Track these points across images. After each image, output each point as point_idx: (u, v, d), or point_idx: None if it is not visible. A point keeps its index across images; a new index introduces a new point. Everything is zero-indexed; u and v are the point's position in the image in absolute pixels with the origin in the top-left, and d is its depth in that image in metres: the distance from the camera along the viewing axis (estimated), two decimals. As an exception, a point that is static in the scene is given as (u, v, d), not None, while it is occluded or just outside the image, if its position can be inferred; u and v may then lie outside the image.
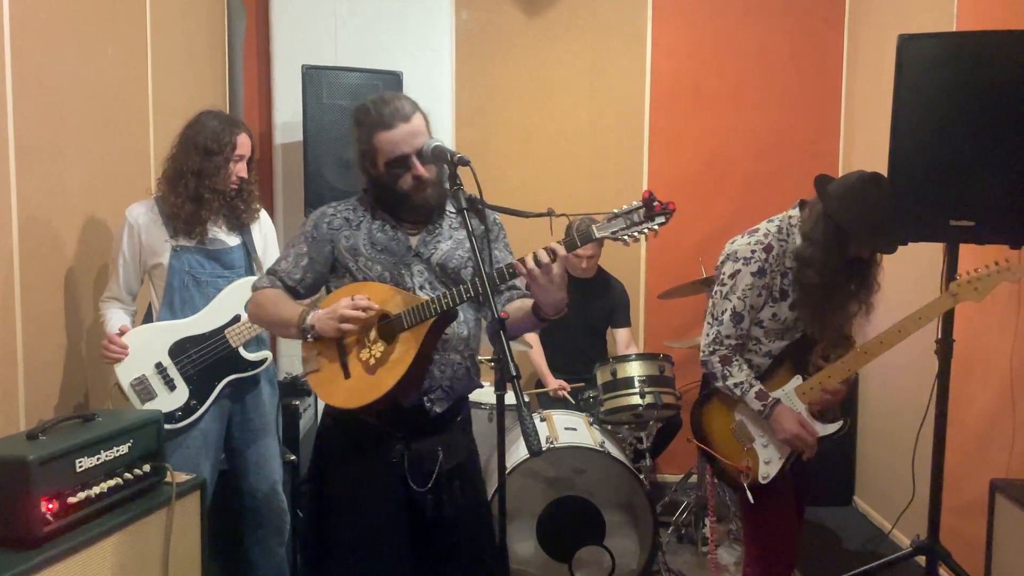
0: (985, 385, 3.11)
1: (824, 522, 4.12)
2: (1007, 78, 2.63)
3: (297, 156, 4.22)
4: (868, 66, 4.38)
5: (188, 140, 2.63)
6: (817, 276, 2.37)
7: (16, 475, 1.77)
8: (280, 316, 2.09)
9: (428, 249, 2.11)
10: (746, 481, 2.51)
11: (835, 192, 2.37)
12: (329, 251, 2.13)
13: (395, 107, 2.04)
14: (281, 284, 2.15)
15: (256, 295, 2.17)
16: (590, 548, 3.22)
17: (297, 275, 2.15)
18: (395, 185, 2.05)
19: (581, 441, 3.27)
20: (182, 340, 2.61)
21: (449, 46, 4.61)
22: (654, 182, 4.69)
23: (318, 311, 2.02)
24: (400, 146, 2.02)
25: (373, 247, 2.10)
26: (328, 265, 2.15)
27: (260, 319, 2.20)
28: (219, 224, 2.69)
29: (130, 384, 2.57)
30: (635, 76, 4.66)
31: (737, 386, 2.49)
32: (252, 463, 2.78)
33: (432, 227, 2.13)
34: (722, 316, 2.49)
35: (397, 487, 2.08)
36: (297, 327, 2.03)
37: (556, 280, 1.85)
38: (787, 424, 2.44)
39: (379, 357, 1.99)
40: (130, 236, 2.63)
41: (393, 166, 2.04)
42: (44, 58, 2.56)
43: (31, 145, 2.47)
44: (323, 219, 2.15)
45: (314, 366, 2.06)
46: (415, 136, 2.03)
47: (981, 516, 2.76)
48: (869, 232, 2.34)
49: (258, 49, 4.61)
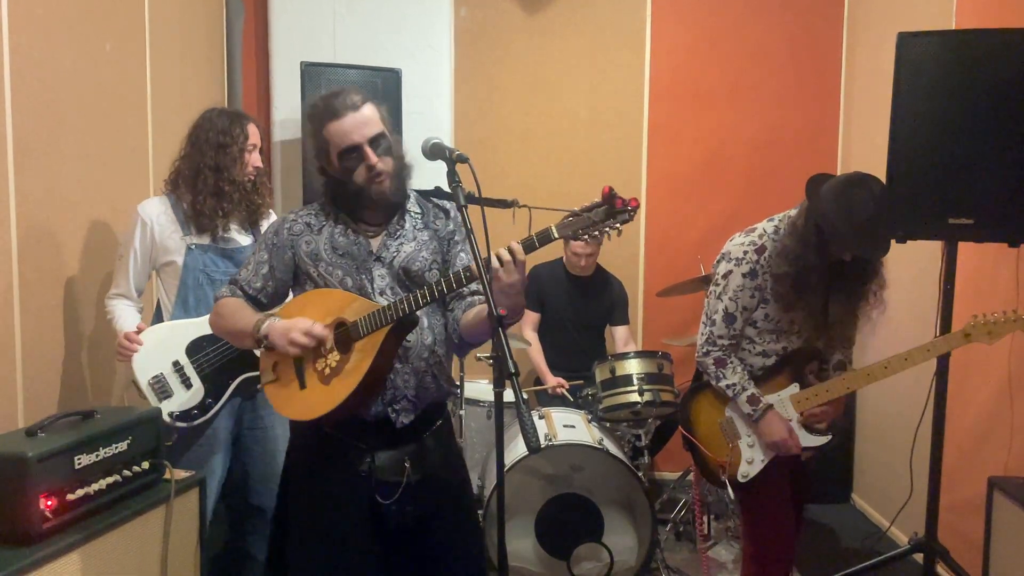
0: (983, 383, 3.12)
1: (822, 520, 4.13)
2: (1006, 76, 2.62)
3: (296, 153, 4.22)
4: (867, 64, 4.38)
5: (199, 138, 2.64)
6: (787, 266, 2.38)
7: (15, 472, 1.77)
8: (236, 326, 2.04)
9: (389, 252, 2.04)
10: (724, 476, 2.54)
11: (823, 192, 2.38)
12: (290, 257, 2.07)
13: (344, 98, 1.99)
14: (242, 293, 2.10)
15: (217, 305, 2.11)
16: (588, 545, 3.22)
17: (258, 283, 2.09)
18: (350, 179, 1.99)
19: (580, 438, 3.27)
20: (199, 339, 2.60)
21: (448, 44, 4.60)
22: (653, 180, 4.70)
23: (275, 321, 1.97)
24: (351, 135, 1.96)
25: (334, 251, 2.03)
26: (290, 272, 2.09)
27: (220, 329, 2.13)
28: (237, 220, 2.70)
29: (148, 382, 2.55)
30: (634, 74, 4.66)
31: (730, 387, 2.50)
32: (260, 460, 2.78)
33: (393, 228, 2.06)
34: (715, 317, 2.51)
35: (364, 499, 2.00)
36: (252, 336, 1.98)
37: (516, 284, 1.80)
38: (775, 429, 2.46)
39: (334, 367, 1.93)
40: (143, 233, 2.62)
41: (345, 158, 1.98)
42: (42, 54, 2.55)
43: (29, 141, 2.46)
44: (283, 225, 2.09)
45: (271, 376, 2.02)
46: (365, 125, 1.97)
47: (979, 514, 2.77)
48: (847, 234, 2.31)
49: (257, 46, 4.61)
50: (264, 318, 2.00)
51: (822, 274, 2.39)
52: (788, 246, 2.40)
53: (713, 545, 3.75)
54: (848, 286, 2.45)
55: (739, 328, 2.51)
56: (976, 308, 3.08)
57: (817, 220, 2.34)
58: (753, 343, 2.53)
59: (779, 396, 2.51)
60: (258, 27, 4.59)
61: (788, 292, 2.40)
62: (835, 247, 2.37)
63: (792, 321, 2.48)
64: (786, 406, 2.50)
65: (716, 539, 3.78)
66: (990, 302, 3.06)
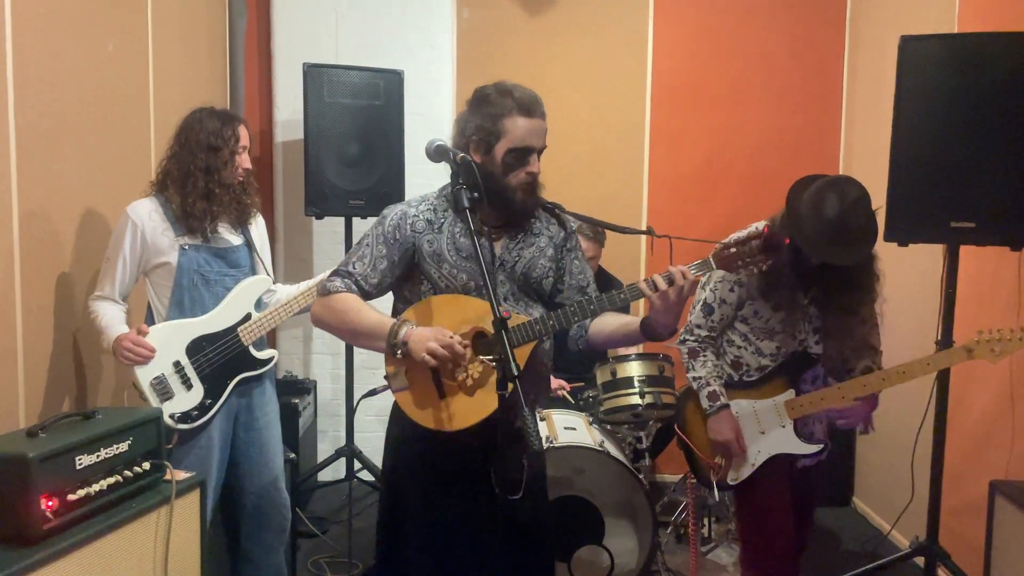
0: (984, 386, 3.12)
1: (823, 523, 4.12)
2: (1008, 79, 2.63)
3: (298, 154, 4.22)
4: (869, 67, 4.38)
5: (189, 139, 2.62)
6: None
7: (16, 472, 1.77)
8: (364, 325, 1.95)
9: (512, 256, 2.03)
10: (715, 478, 2.54)
11: (804, 195, 2.37)
12: (411, 255, 2.01)
13: (538, 101, 1.97)
14: (357, 288, 2.02)
15: (330, 299, 2.01)
16: (589, 548, 3.22)
17: (375, 279, 2.02)
18: (505, 178, 1.95)
19: (580, 441, 3.27)
20: (198, 338, 2.60)
21: (450, 44, 4.61)
22: (654, 181, 4.70)
23: (413, 328, 1.90)
24: (531, 138, 1.94)
25: (459, 253, 1.99)
26: (407, 269, 2.03)
27: (333, 325, 2.02)
28: (226, 220, 2.69)
29: (150, 384, 2.54)
30: (636, 75, 4.66)
31: (695, 380, 2.54)
32: (256, 461, 2.78)
33: (514, 233, 2.04)
34: (696, 307, 2.55)
35: (480, 497, 1.97)
36: (387, 341, 1.90)
37: (681, 303, 1.87)
38: (723, 428, 2.50)
39: (477, 378, 1.89)
40: (133, 235, 2.58)
41: (512, 155, 1.94)
42: (45, 54, 2.55)
43: (32, 141, 2.46)
44: (405, 220, 2.01)
45: (403, 383, 1.94)
46: (544, 134, 1.98)
47: (980, 517, 2.77)
48: (811, 237, 2.29)
49: (259, 46, 4.61)
50: (400, 323, 1.92)
51: (792, 273, 2.39)
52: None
53: (713, 548, 3.75)
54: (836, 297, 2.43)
55: (717, 322, 2.53)
56: (978, 312, 3.08)
57: (788, 220, 2.35)
58: (748, 340, 2.54)
59: (774, 401, 2.51)
60: (260, 28, 4.59)
61: (761, 286, 2.42)
62: (804, 249, 2.36)
63: (782, 321, 2.48)
64: (780, 412, 2.50)
65: (716, 542, 3.77)
66: (992, 306, 3.07)
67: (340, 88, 4.00)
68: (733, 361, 2.58)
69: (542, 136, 1.98)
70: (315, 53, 4.33)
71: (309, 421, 4.27)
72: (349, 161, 4.03)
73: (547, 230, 2.11)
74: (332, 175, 3.99)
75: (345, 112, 4.02)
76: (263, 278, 2.77)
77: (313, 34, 4.49)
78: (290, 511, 2.91)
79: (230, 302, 2.67)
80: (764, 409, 2.52)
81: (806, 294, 2.46)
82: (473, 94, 2.03)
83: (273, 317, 2.72)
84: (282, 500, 2.85)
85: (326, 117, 3.98)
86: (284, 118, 4.54)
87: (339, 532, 3.84)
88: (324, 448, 4.56)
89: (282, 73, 4.50)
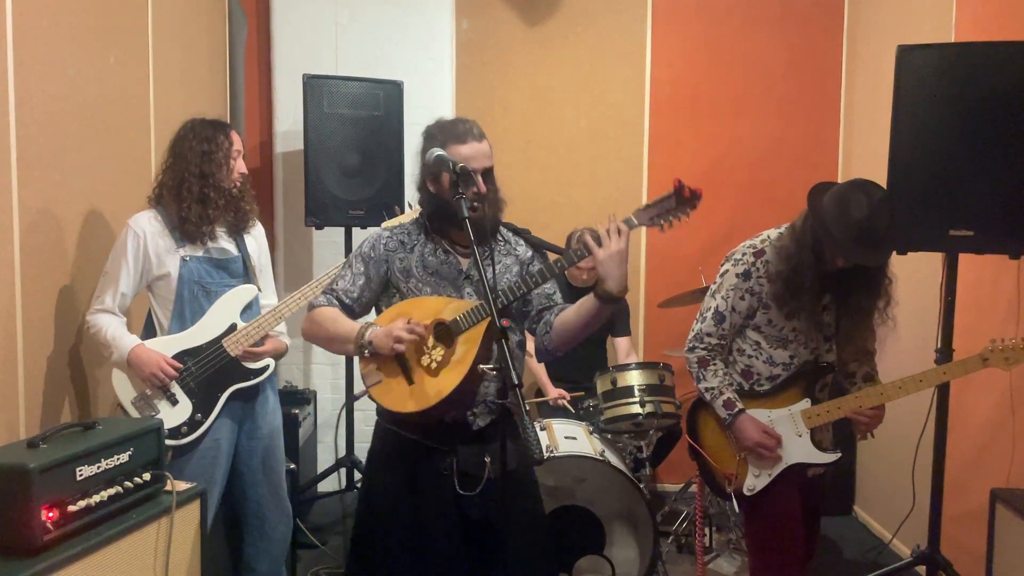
0: (985, 394, 3.12)
1: (824, 532, 4.10)
2: (1006, 88, 2.64)
3: (298, 165, 4.23)
4: (867, 76, 4.40)
5: (183, 148, 2.64)
6: (782, 265, 2.39)
7: (17, 483, 1.77)
8: (338, 333, 2.17)
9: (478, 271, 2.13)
10: (730, 488, 2.53)
11: (825, 197, 2.39)
12: (384, 271, 2.22)
13: (470, 126, 2.16)
14: (338, 303, 2.23)
15: (313, 313, 2.24)
16: (590, 557, 3.21)
17: (355, 294, 2.23)
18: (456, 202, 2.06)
19: (581, 450, 3.27)
20: (179, 354, 2.59)
21: (449, 55, 4.62)
22: (653, 191, 4.70)
23: (376, 328, 2.10)
24: (470, 161, 2.10)
25: (425, 269, 2.19)
26: (382, 285, 2.24)
27: (315, 336, 2.25)
28: (223, 229, 2.69)
29: (131, 402, 2.56)
30: (634, 85, 4.68)
31: (708, 391, 2.51)
32: (259, 471, 2.78)
33: (482, 250, 2.14)
34: (706, 314, 2.54)
35: (447, 495, 2.14)
36: (355, 343, 2.11)
37: (623, 251, 1.98)
38: (749, 433, 2.47)
39: (440, 360, 2.06)
40: (135, 247, 2.58)
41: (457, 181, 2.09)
42: (46, 66, 2.56)
43: (33, 152, 2.47)
44: (379, 241, 2.24)
45: (376, 378, 2.13)
46: (484, 156, 2.15)
47: (982, 526, 2.76)
48: (840, 238, 2.30)
49: (259, 58, 4.63)
50: (366, 326, 2.12)
51: (815, 276, 2.38)
52: (785, 246, 2.43)
53: (715, 558, 3.74)
54: (854, 300, 2.45)
55: (727, 330, 2.51)
56: (977, 320, 3.09)
57: (813, 222, 2.35)
58: (760, 349, 2.52)
59: (790, 411, 2.50)
60: (260, 39, 4.61)
61: (783, 292, 2.41)
62: (828, 251, 2.37)
63: (795, 330, 2.47)
64: (796, 421, 2.49)
65: (718, 551, 3.76)
66: (991, 314, 3.07)
67: (340, 99, 4.02)
68: (744, 370, 2.56)
69: (484, 157, 2.15)
70: (315, 64, 4.34)
71: (309, 431, 4.26)
72: (349, 171, 4.04)
73: (515, 251, 2.29)
74: (332, 185, 4.01)
75: (345, 123, 4.03)
76: (247, 287, 2.73)
77: (313, 45, 4.51)
78: (292, 520, 2.90)
79: (213, 314, 2.65)
80: (780, 418, 2.50)
81: (821, 300, 2.47)
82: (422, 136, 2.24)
83: (260, 325, 2.68)
84: (285, 510, 2.84)
85: (326, 128, 4.00)
86: (284, 129, 4.55)
87: (339, 544, 3.83)
88: (324, 459, 4.55)
89: (282, 84, 4.52)
